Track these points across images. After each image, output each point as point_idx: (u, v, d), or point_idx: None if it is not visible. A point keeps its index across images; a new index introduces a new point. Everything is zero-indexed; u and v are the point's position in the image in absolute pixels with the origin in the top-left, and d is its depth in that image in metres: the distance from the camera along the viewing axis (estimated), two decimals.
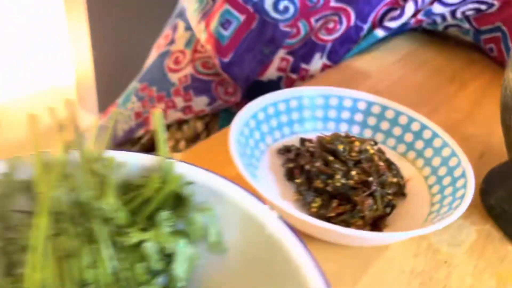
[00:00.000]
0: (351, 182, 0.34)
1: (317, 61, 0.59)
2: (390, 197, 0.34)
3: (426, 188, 0.36)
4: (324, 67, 0.59)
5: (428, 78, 0.57)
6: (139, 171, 0.24)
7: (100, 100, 1.57)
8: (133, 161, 0.24)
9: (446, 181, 0.35)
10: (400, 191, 0.36)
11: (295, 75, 0.60)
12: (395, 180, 0.35)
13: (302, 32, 0.58)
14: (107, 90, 1.52)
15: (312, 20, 0.57)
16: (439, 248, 0.34)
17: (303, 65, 0.59)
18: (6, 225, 0.22)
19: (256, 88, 0.61)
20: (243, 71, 0.61)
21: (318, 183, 0.34)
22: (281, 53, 0.59)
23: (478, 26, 0.59)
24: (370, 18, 0.57)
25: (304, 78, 0.60)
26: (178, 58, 0.67)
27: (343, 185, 0.34)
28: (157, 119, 0.24)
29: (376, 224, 0.33)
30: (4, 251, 0.21)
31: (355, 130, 0.41)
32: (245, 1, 0.57)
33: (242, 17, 0.57)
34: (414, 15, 0.58)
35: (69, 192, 0.22)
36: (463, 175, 0.34)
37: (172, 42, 0.69)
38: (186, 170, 0.24)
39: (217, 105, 0.64)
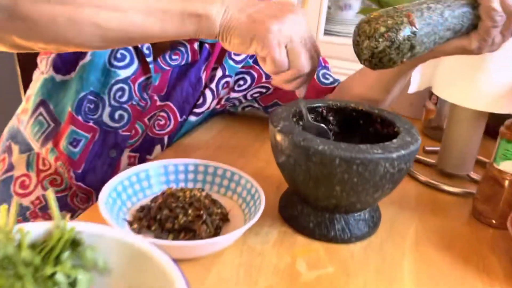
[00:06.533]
0: (189, 218, 0.50)
1: (159, 151, 0.75)
2: (217, 222, 0.51)
3: (241, 212, 0.55)
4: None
5: (240, 142, 0.79)
6: (44, 233, 0.37)
7: None
8: (37, 227, 0.37)
9: (251, 204, 0.54)
10: (225, 218, 0.53)
11: None
12: (219, 211, 0.53)
13: (140, 131, 0.74)
14: None
15: (146, 119, 0.74)
16: (255, 247, 0.52)
17: (148, 157, 0.75)
18: None
19: None
20: (97, 176, 0.72)
21: (168, 225, 0.50)
22: (126, 152, 0.74)
23: (263, 104, 0.84)
24: (187, 110, 0.77)
25: None
26: (24, 182, 0.74)
27: (184, 221, 0.50)
28: (50, 196, 0.37)
29: None
30: None
31: (190, 185, 0.59)
32: (85, 120, 0.69)
33: (89, 135, 0.70)
34: (219, 102, 0.79)
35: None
36: (259, 198, 0.53)
37: (11, 167, 0.75)
38: (76, 225, 0.37)
39: (79, 214, 0.73)
